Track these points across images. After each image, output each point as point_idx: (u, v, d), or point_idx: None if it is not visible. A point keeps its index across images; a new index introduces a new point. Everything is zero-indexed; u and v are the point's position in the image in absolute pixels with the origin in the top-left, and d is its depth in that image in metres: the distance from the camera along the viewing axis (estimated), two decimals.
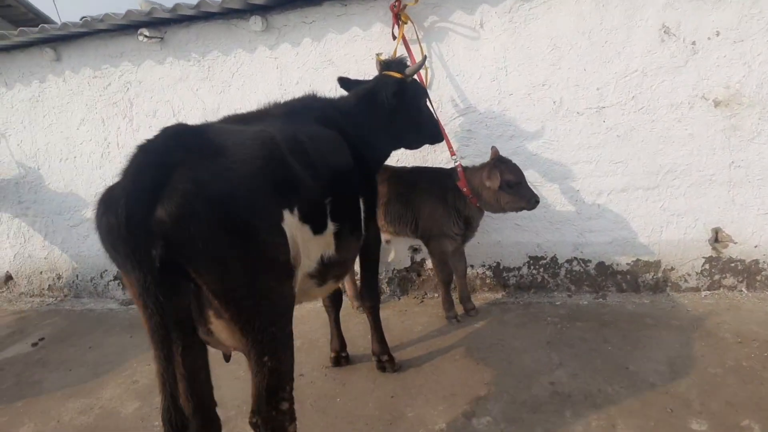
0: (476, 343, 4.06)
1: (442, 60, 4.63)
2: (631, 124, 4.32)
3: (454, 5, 4.47)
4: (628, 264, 4.62)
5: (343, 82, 3.91)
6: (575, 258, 4.74)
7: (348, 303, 4.12)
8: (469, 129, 4.70)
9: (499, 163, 3.93)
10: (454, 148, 4.70)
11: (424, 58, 3.89)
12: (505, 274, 4.94)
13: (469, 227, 4.23)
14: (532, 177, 4.61)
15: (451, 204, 4.16)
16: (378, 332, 3.71)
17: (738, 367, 3.34)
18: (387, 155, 3.97)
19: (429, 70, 4.65)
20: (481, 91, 4.58)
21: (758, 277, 4.38)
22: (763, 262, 4.35)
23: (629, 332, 3.95)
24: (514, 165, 3.95)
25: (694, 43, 4.03)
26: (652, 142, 4.32)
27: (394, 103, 3.65)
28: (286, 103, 3.21)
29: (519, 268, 4.89)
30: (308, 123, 2.95)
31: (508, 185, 3.86)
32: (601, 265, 4.69)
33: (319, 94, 3.48)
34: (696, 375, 3.28)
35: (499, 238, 4.87)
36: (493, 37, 4.45)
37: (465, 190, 4.04)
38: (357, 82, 3.90)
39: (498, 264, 4.94)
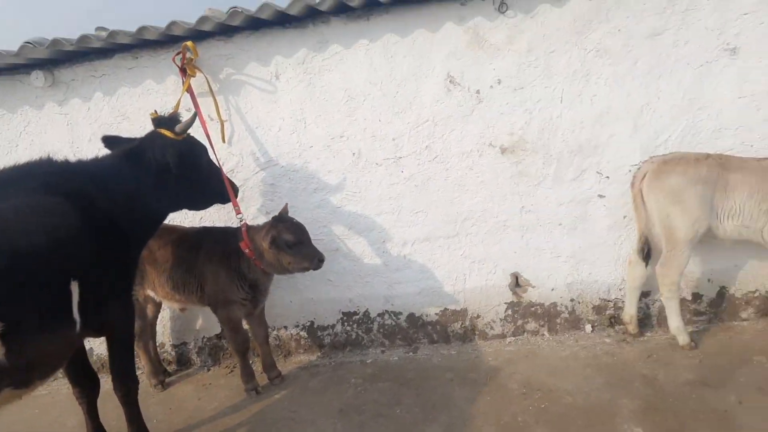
0: (267, 417, 3.69)
1: (240, 113, 4.36)
2: (427, 174, 4.25)
3: (248, 56, 4.25)
4: (436, 314, 4.50)
5: (108, 141, 3.54)
6: (386, 311, 4.56)
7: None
8: (272, 183, 4.43)
9: (277, 222, 3.67)
10: (258, 204, 4.42)
11: (194, 114, 3.60)
12: (319, 334, 4.65)
13: (257, 291, 3.90)
14: (338, 230, 4.41)
15: (234, 267, 3.82)
16: (135, 424, 3.22)
17: (511, 424, 3.23)
18: (159, 219, 3.59)
19: (227, 124, 4.36)
20: (281, 143, 4.36)
21: (558, 320, 4.40)
22: (561, 305, 4.38)
23: (425, 391, 3.77)
24: (295, 223, 3.70)
25: (478, 91, 4.06)
26: (448, 190, 4.26)
27: (163, 163, 3.31)
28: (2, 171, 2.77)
29: (333, 326, 4.62)
30: (19, 193, 2.51)
31: (287, 245, 3.59)
32: (411, 316, 4.53)
33: (57, 157, 3.05)
34: None
35: (312, 295, 4.59)
36: (290, 89, 4.26)
37: (247, 251, 3.72)
38: (124, 141, 3.53)
39: (312, 323, 4.64)
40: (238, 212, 3.86)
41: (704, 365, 3.72)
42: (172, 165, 3.36)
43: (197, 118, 3.67)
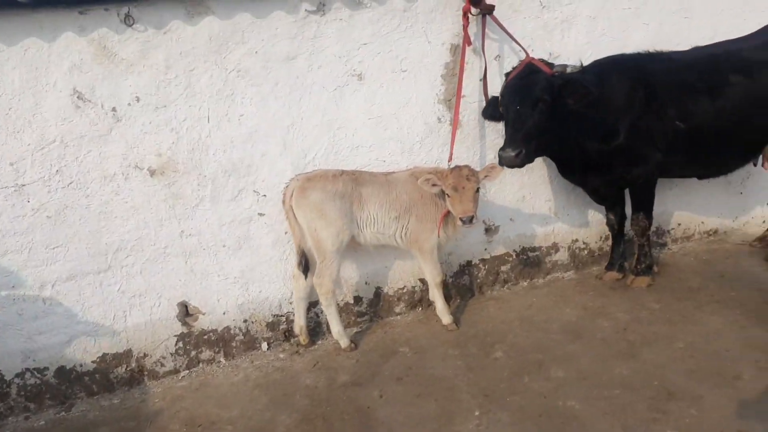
0: None
1: None
2: (62, 202, 3.68)
3: None
4: (94, 362, 3.94)
5: None
6: (27, 369, 3.80)
7: None
8: None
9: None
10: None
11: None
12: None
13: None
14: None
15: None
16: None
17: None
18: None
19: None
20: None
21: (233, 344, 4.27)
22: (235, 327, 4.27)
23: None
24: None
25: (114, 109, 3.67)
26: (91, 219, 3.76)
27: None
28: None
29: None
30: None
31: None
32: (61, 370, 3.87)
33: None
34: None
35: None
36: None
37: None
38: None
39: None
40: None
41: (360, 364, 4.01)
42: None
43: None
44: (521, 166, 3.89)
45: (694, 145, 4.28)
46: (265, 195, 4.15)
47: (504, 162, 3.81)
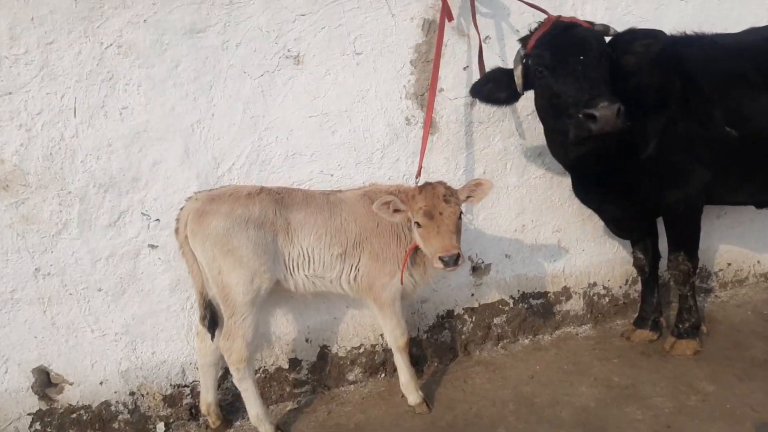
0: None
1: None
2: None
3: None
4: None
5: None
6: None
7: None
8: None
9: None
10: None
11: None
12: None
13: None
14: None
15: None
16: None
17: None
18: None
19: None
20: None
21: (115, 425, 3.10)
22: (118, 402, 3.12)
23: None
24: None
25: None
26: None
27: None
28: None
29: None
30: None
31: None
32: None
33: None
34: None
35: None
36: None
37: None
38: None
39: None
40: None
41: None
42: None
43: None
44: (622, 129, 2.55)
45: (751, 159, 3.06)
46: (158, 219, 2.99)
47: (601, 124, 2.47)
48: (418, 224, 2.66)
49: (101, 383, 3.06)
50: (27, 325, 2.90)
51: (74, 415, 3.04)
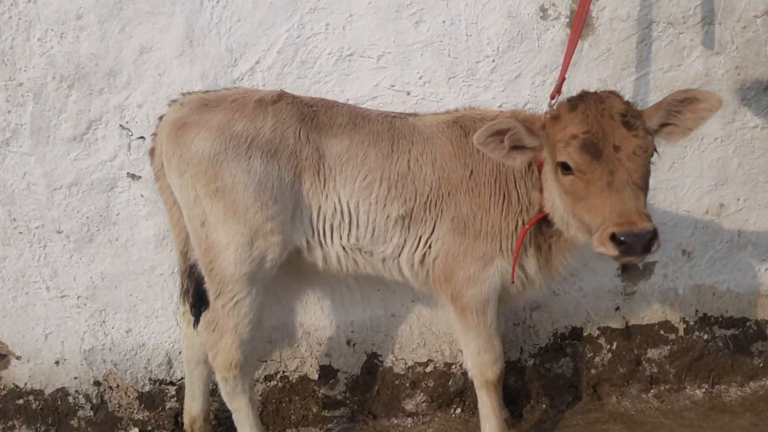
0: None
1: None
2: None
3: None
4: None
5: None
6: None
7: None
8: None
9: None
10: None
11: None
12: None
13: None
14: None
15: None
16: None
17: None
18: None
19: None
20: None
21: (73, 423, 2.23)
22: (78, 391, 2.27)
23: None
24: None
25: None
26: None
27: None
28: None
29: None
30: None
31: None
32: None
33: None
34: None
35: None
36: None
37: None
38: None
39: None
40: None
41: None
42: None
43: None
44: None
45: None
46: (143, 137, 2.02)
47: None
48: (564, 167, 1.48)
49: (57, 363, 2.22)
50: None
51: (20, 401, 2.22)
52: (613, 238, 1.34)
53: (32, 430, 2.22)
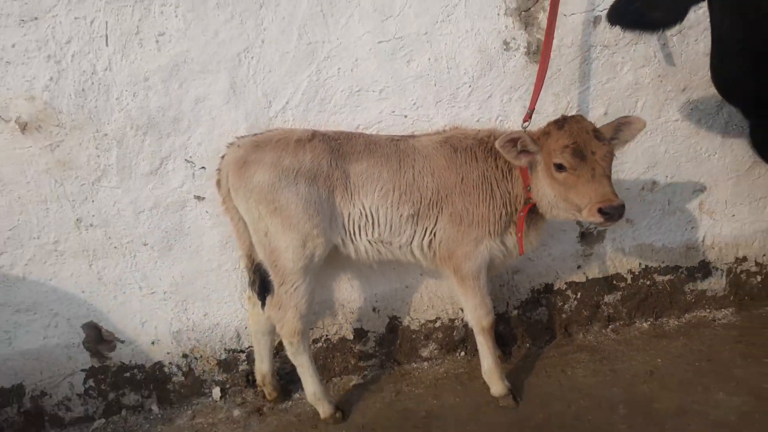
0: None
1: None
2: None
3: None
4: None
5: None
6: None
7: None
8: None
9: None
10: None
11: None
12: None
13: None
14: None
15: None
16: None
17: None
18: None
19: None
20: None
21: (169, 387, 2.88)
22: (171, 363, 2.87)
23: None
24: None
25: None
26: None
27: None
28: None
29: None
30: None
31: None
32: None
33: None
34: None
35: None
36: None
37: None
38: None
39: None
40: None
41: None
42: None
43: None
44: None
45: None
46: (204, 167, 2.58)
47: None
48: (559, 167, 2.07)
49: (153, 343, 2.83)
50: (73, 279, 2.68)
51: (127, 374, 2.85)
52: (600, 211, 1.98)
53: (138, 395, 2.88)
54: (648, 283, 2.98)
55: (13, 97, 2.41)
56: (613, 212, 1.98)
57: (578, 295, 2.97)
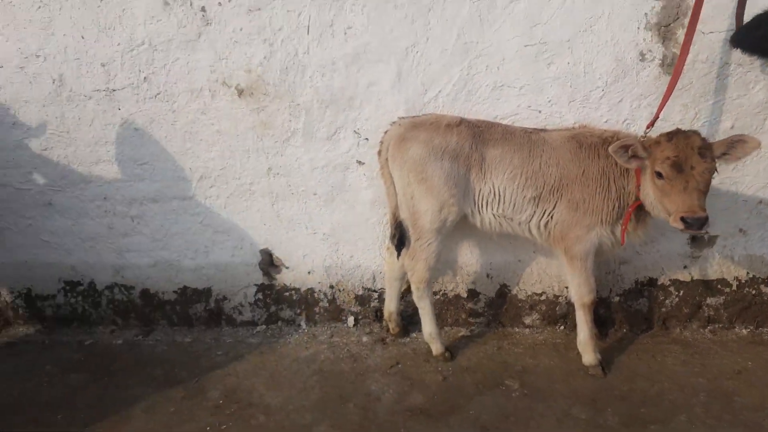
0: None
1: None
2: (149, 115, 3.30)
3: None
4: (175, 292, 3.67)
5: None
6: (116, 284, 3.71)
7: None
8: None
9: None
10: None
11: None
12: (39, 304, 3.80)
13: None
14: (47, 179, 3.47)
15: None
16: None
17: None
18: None
19: None
20: None
21: (316, 309, 3.61)
22: (320, 291, 3.58)
23: (105, 387, 3.02)
24: None
25: (203, 9, 3.07)
26: (177, 139, 3.33)
27: None
28: None
29: (54, 296, 3.76)
30: None
31: None
32: (146, 293, 3.69)
33: None
34: None
35: (26, 257, 3.69)
36: None
37: None
38: None
39: (29, 291, 3.77)
40: None
41: (446, 385, 2.97)
42: None
43: None
44: None
45: None
46: (367, 139, 3.19)
47: None
48: (659, 175, 2.40)
49: (309, 272, 3.55)
50: (259, 214, 3.46)
51: (287, 294, 3.61)
52: (682, 219, 2.31)
53: (292, 312, 3.65)
54: (753, 292, 3.13)
55: (236, 69, 3.18)
56: (693, 222, 2.26)
57: (680, 293, 3.21)
